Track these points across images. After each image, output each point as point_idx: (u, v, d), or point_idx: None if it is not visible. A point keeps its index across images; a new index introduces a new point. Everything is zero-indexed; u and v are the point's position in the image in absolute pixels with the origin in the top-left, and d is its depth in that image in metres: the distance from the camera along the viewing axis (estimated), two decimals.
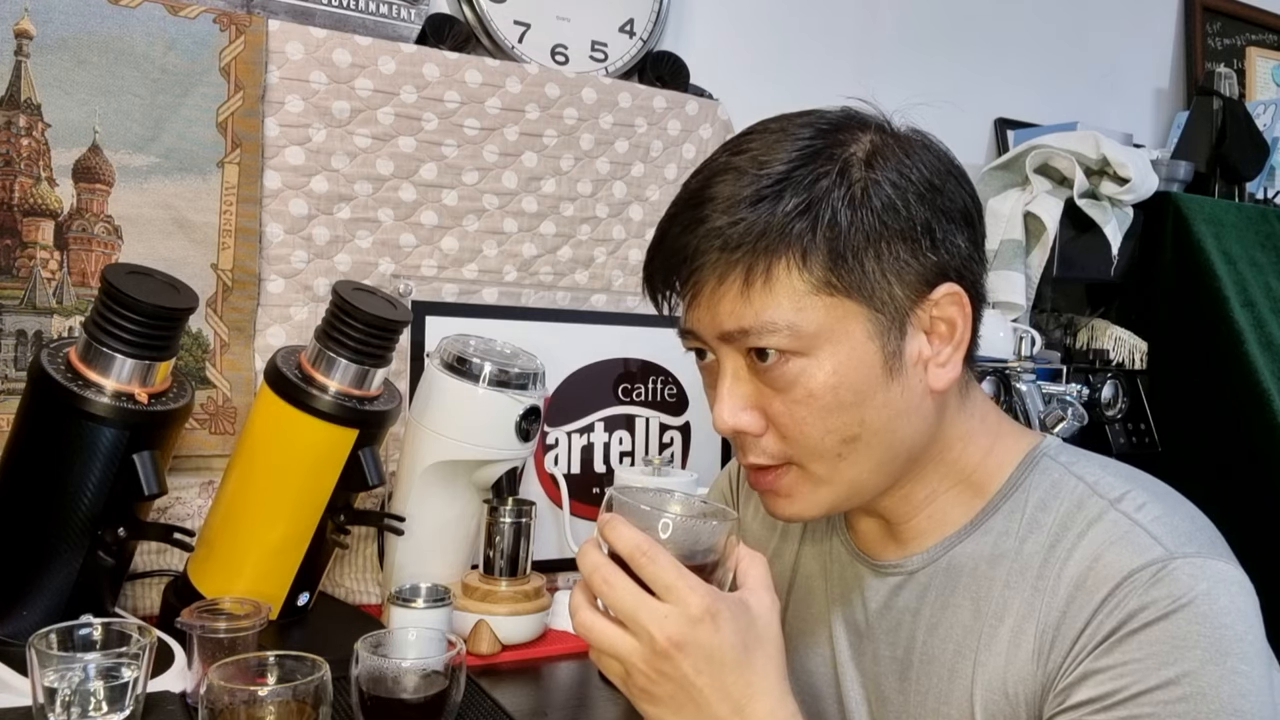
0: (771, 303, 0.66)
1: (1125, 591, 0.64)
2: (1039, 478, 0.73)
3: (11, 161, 1.23)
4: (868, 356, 0.67)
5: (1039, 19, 2.25)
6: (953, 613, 0.73)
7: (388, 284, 1.44)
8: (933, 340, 0.70)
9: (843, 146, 0.68)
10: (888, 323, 0.67)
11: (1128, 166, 1.78)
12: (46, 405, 1.03)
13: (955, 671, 0.72)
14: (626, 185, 1.64)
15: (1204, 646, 0.62)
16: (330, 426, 1.12)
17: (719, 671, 0.63)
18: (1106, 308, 2.02)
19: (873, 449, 0.70)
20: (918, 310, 0.69)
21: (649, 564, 0.63)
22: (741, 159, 0.68)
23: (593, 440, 1.54)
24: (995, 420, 0.78)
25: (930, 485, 0.75)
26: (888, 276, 0.67)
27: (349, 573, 1.41)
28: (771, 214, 0.66)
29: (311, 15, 1.41)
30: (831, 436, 0.68)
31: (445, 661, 0.92)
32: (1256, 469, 1.74)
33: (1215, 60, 2.46)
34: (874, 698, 0.78)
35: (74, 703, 0.86)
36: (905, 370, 0.69)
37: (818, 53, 1.93)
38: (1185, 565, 0.64)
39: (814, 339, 0.67)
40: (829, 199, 0.66)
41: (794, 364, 0.67)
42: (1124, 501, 0.69)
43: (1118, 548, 0.66)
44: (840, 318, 0.67)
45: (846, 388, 0.67)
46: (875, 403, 0.68)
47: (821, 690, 0.83)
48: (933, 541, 0.76)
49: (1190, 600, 0.63)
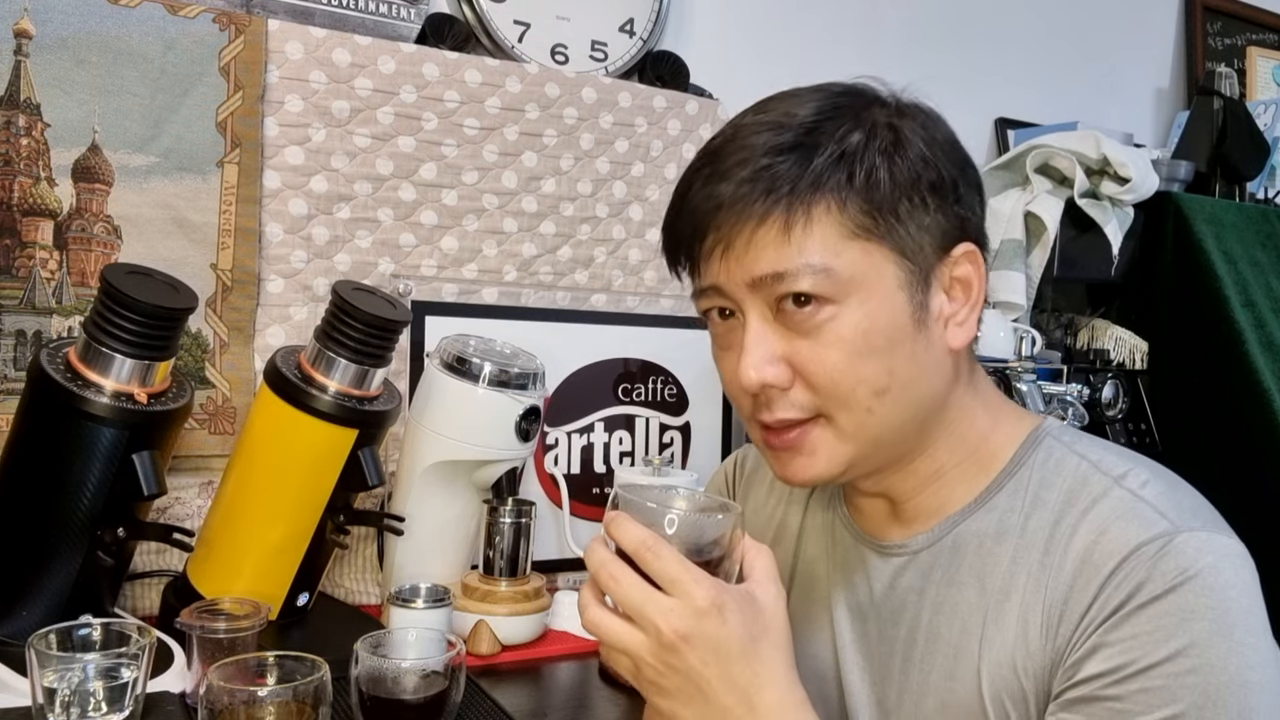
0: (811, 245, 0.67)
1: (1132, 565, 0.65)
2: (1042, 456, 0.74)
3: (11, 161, 1.23)
4: (898, 304, 0.69)
5: (1039, 19, 2.25)
6: (958, 590, 0.73)
7: (387, 284, 1.44)
8: (952, 298, 0.72)
9: (866, 105, 0.71)
10: (916, 274, 0.69)
11: (1128, 166, 1.78)
12: (46, 405, 1.03)
13: (961, 649, 0.72)
14: (626, 185, 1.64)
15: (1210, 619, 0.62)
16: (330, 426, 1.12)
17: (726, 662, 0.63)
18: (1107, 308, 2.01)
19: (899, 403, 0.70)
20: (940, 266, 0.71)
21: (654, 559, 0.63)
22: (766, 116, 0.70)
23: (593, 440, 1.54)
24: (997, 400, 0.79)
25: (938, 459, 0.76)
26: (919, 227, 0.69)
27: (349, 573, 1.41)
28: (810, 159, 0.67)
29: (311, 15, 1.41)
30: (863, 387, 0.69)
31: (445, 662, 0.92)
32: (1257, 469, 1.74)
33: (1216, 60, 2.46)
34: (876, 678, 0.79)
35: (73, 703, 0.86)
36: (929, 324, 0.71)
37: (818, 53, 1.93)
38: (1191, 539, 0.64)
39: (848, 284, 0.68)
40: (867, 147, 0.68)
41: (826, 310, 0.68)
42: (1127, 479, 0.70)
43: (1123, 522, 0.67)
44: (874, 264, 0.68)
45: (877, 333, 0.68)
46: (903, 353, 0.69)
47: (823, 673, 0.83)
48: (936, 520, 0.76)
49: (1196, 573, 0.63)
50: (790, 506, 0.90)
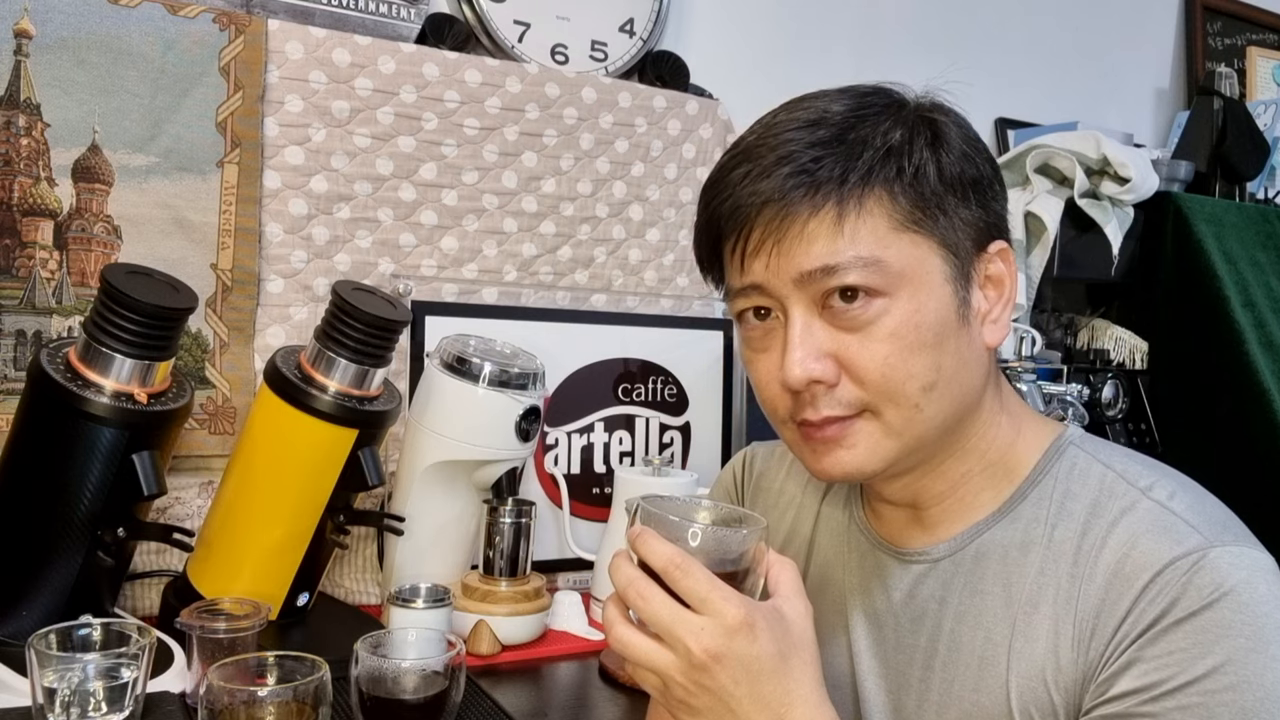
0: (862, 237, 0.67)
1: (1166, 579, 0.64)
2: (1066, 465, 0.73)
3: (11, 161, 1.23)
4: (945, 298, 0.69)
5: (1039, 19, 2.25)
6: (982, 600, 0.73)
7: (387, 284, 1.44)
8: (986, 295, 0.72)
9: (899, 104, 0.72)
10: (960, 268, 0.70)
11: (1128, 166, 1.78)
12: (46, 405, 1.03)
13: (986, 660, 0.72)
14: (626, 185, 1.64)
15: (1246, 635, 0.62)
16: (330, 426, 1.12)
17: (757, 681, 0.63)
18: (1107, 308, 2.02)
19: (945, 399, 0.70)
20: (977, 263, 0.72)
21: (683, 577, 0.63)
22: (800, 114, 0.70)
23: (593, 440, 1.54)
24: (1019, 406, 0.78)
25: (966, 463, 0.75)
26: (963, 221, 0.70)
27: (349, 573, 1.41)
28: (856, 154, 0.68)
29: (311, 15, 1.41)
30: (913, 382, 0.69)
31: (445, 662, 0.92)
32: (1257, 469, 1.74)
33: (1216, 60, 2.46)
34: (893, 686, 0.78)
35: (73, 703, 0.86)
36: (971, 320, 0.71)
37: (818, 52, 1.93)
38: (1224, 554, 0.64)
39: (898, 278, 0.68)
40: (912, 143, 0.69)
41: (876, 304, 0.68)
42: (1155, 490, 0.69)
43: (1153, 536, 0.66)
44: (922, 257, 0.69)
45: (928, 327, 0.68)
46: (950, 348, 0.70)
47: (838, 680, 0.82)
48: (960, 528, 0.75)
49: (1231, 589, 0.63)
50: (802, 511, 0.89)
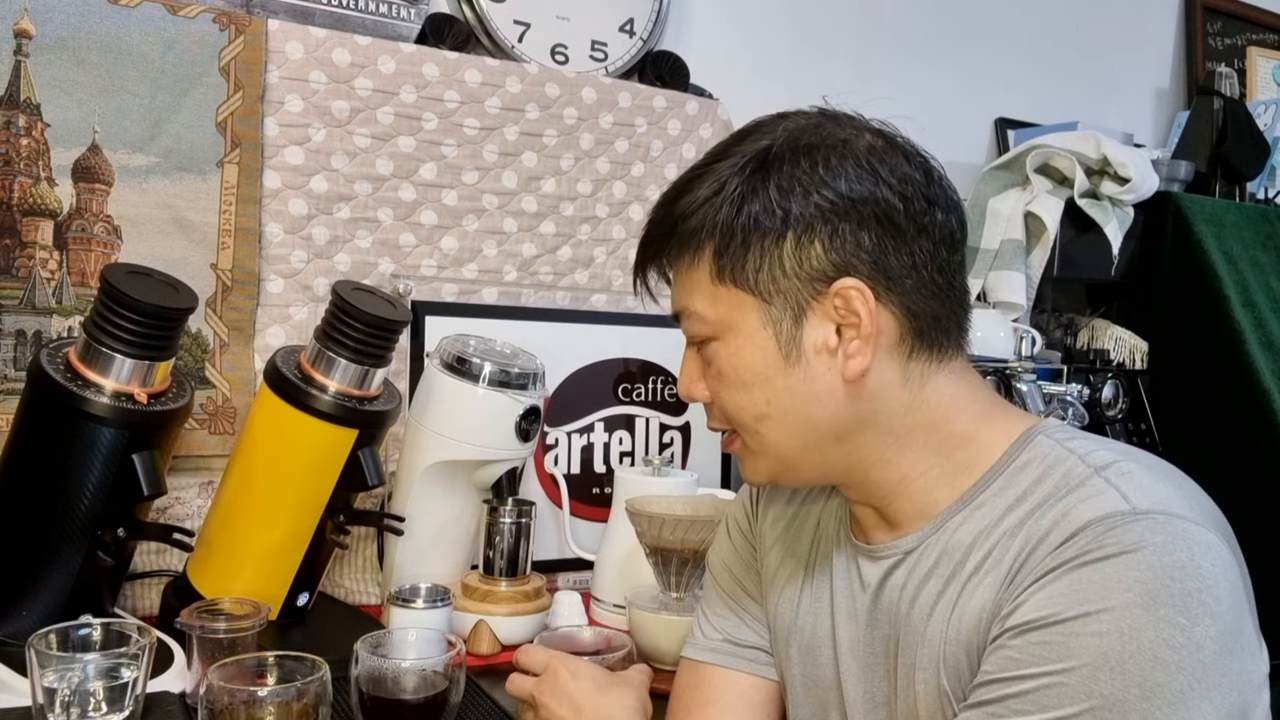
0: (688, 290, 0.77)
1: (1084, 536, 0.64)
2: (1030, 453, 0.73)
3: (11, 161, 1.23)
4: (763, 343, 0.74)
5: (1039, 19, 2.25)
6: (935, 584, 0.74)
7: (387, 284, 1.44)
8: (845, 330, 0.73)
9: (740, 150, 0.75)
10: (779, 312, 0.73)
11: (1128, 166, 1.78)
12: (46, 405, 1.03)
13: (926, 636, 0.73)
14: (626, 185, 1.64)
15: (1138, 591, 0.60)
16: (330, 426, 1.12)
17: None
18: (1107, 308, 2.02)
19: (786, 426, 0.76)
20: (817, 302, 0.73)
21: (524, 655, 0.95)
22: (692, 165, 0.79)
23: (593, 440, 1.54)
24: (987, 402, 0.78)
25: (899, 469, 0.76)
26: (771, 270, 0.73)
27: (349, 573, 1.41)
28: (672, 214, 0.77)
29: (311, 15, 1.41)
30: (744, 413, 0.76)
31: (445, 662, 0.92)
32: (1257, 469, 1.74)
33: (1216, 60, 2.46)
34: (870, 682, 0.79)
35: (73, 703, 0.86)
36: (806, 358, 0.74)
37: (818, 52, 1.93)
38: (1146, 520, 0.63)
39: (719, 325, 0.76)
40: (719, 197, 0.74)
41: (711, 345, 0.77)
42: (1110, 469, 0.68)
43: (1088, 504, 0.66)
44: (734, 306, 0.75)
45: (745, 369, 0.75)
46: (776, 385, 0.74)
47: (824, 684, 0.84)
48: (924, 522, 0.77)
49: (1138, 549, 0.62)
50: (805, 521, 0.90)
